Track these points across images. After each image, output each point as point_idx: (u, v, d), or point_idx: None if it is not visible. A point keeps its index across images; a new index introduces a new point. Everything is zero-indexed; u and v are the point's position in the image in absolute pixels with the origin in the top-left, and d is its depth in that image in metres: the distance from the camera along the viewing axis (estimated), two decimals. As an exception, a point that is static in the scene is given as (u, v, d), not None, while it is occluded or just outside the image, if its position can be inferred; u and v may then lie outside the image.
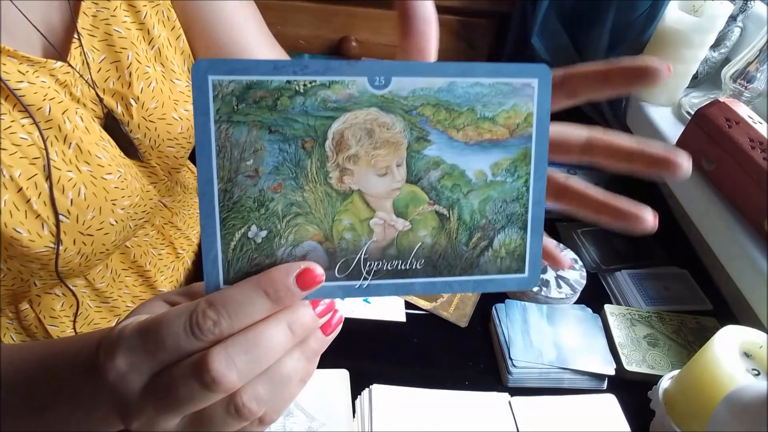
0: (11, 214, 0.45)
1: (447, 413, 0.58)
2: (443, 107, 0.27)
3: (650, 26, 0.85)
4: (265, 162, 0.27)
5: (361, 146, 0.27)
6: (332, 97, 0.26)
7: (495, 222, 0.29)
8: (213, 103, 0.26)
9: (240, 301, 0.26)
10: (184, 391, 0.26)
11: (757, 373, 0.53)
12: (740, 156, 0.67)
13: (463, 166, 0.28)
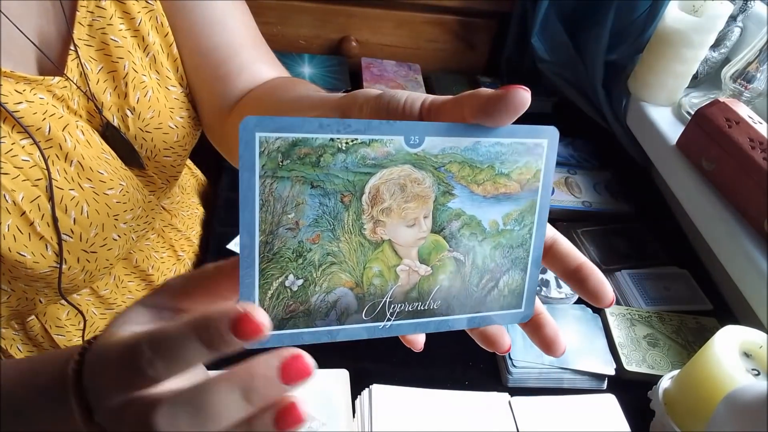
0: (15, 238, 0.45)
1: (447, 413, 0.58)
2: (468, 164, 0.30)
3: (650, 26, 0.85)
4: (305, 215, 0.28)
5: (394, 200, 0.29)
6: (371, 155, 0.28)
7: (502, 265, 0.32)
8: (259, 159, 0.26)
9: (174, 341, 0.25)
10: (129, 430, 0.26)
11: (757, 373, 0.53)
12: (740, 156, 0.67)
13: (480, 217, 0.31)
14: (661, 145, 0.82)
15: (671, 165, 0.79)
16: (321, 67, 1.09)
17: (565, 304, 0.70)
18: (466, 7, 1.11)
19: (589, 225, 0.85)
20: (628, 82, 0.90)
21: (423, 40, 1.14)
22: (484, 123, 0.29)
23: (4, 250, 0.44)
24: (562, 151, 1.00)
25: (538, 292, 0.69)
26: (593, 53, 0.91)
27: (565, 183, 0.91)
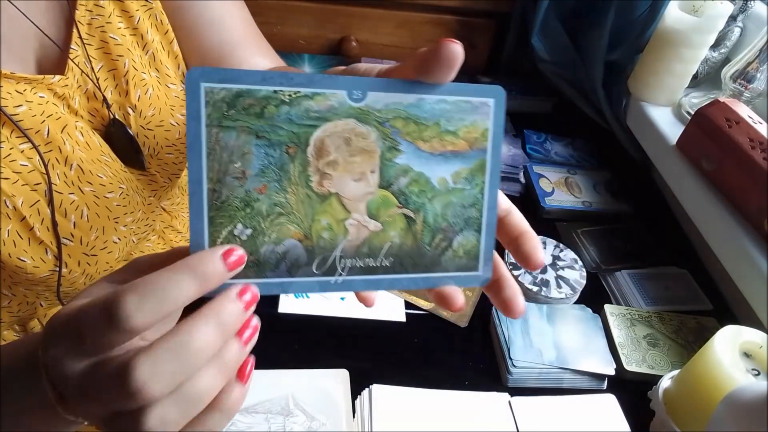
0: (15, 244, 0.45)
1: (447, 413, 0.58)
2: (413, 120, 0.30)
3: (650, 26, 0.85)
4: (251, 165, 0.29)
5: (340, 153, 0.30)
6: (314, 108, 0.29)
7: (455, 225, 0.32)
8: (204, 109, 0.28)
9: (168, 285, 0.26)
10: (107, 391, 0.26)
11: (757, 373, 0.53)
12: (740, 156, 0.67)
13: (428, 174, 0.31)
14: (661, 145, 0.82)
15: (671, 165, 0.79)
16: (321, 67, 1.09)
17: (565, 304, 0.70)
18: (466, 7, 1.11)
19: (589, 225, 0.85)
20: (628, 82, 0.90)
21: (423, 40, 1.14)
22: (424, 79, 0.30)
23: (4, 256, 0.44)
24: (561, 151, 1.00)
25: (538, 292, 0.69)
26: (593, 53, 0.91)
27: (565, 183, 0.91)
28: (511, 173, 0.91)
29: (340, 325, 0.66)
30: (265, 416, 0.54)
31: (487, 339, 0.68)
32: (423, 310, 0.69)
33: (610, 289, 0.77)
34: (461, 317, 0.69)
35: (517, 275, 0.71)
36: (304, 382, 0.58)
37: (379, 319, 0.67)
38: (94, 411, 0.28)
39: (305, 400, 0.56)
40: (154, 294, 0.26)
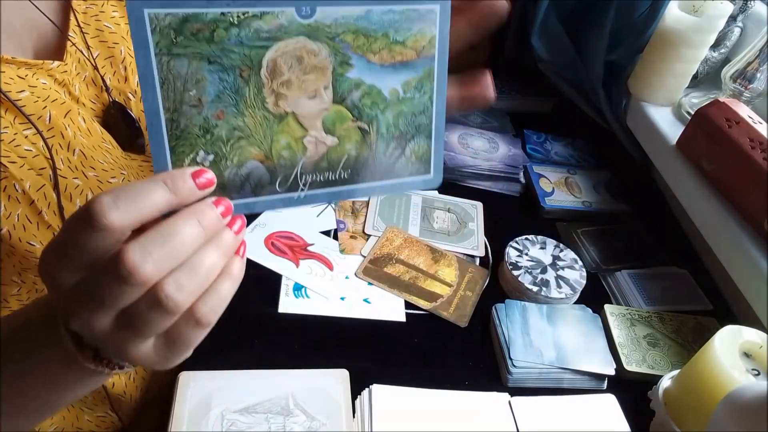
0: (24, 228, 0.45)
1: (447, 413, 0.58)
2: (362, 33, 0.31)
3: (650, 26, 0.85)
4: (207, 91, 0.29)
5: (293, 72, 0.30)
6: (264, 28, 0.29)
7: (407, 133, 0.34)
8: (152, 37, 0.27)
9: (140, 190, 0.28)
10: (105, 286, 0.27)
11: (757, 373, 0.53)
12: (740, 156, 0.67)
13: (379, 86, 0.32)
14: (661, 145, 0.82)
15: (671, 165, 0.79)
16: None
17: (565, 304, 0.70)
18: (466, 7, 1.11)
19: (589, 225, 0.85)
20: (628, 82, 0.90)
21: (423, 40, 1.14)
22: None
23: (15, 240, 0.44)
24: (561, 151, 1.00)
25: (538, 292, 0.69)
26: (593, 53, 0.91)
27: (565, 183, 0.91)
28: (511, 173, 0.91)
29: (340, 325, 0.66)
30: (265, 416, 0.54)
31: (487, 339, 0.68)
32: (423, 310, 0.69)
33: (610, 289, 0.77)
34: (461, 317, 0.69)
35: (517, 275, 0.71)
36: (304, 382, 0.58)
37: (379, 319, 0.67)
38: (97, 318, 0.29)
39: (305, 400, 0.56)
40: (126, 195, 0.27)
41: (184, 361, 0.59)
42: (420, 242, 0.78)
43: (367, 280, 0.71)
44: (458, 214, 0.84)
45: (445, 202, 0.85)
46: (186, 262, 0.29)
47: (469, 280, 0.74)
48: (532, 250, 0.75)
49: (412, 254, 0.76)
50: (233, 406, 0.55)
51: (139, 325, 0.29)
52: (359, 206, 0.82)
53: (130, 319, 0.29)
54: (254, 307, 0.66)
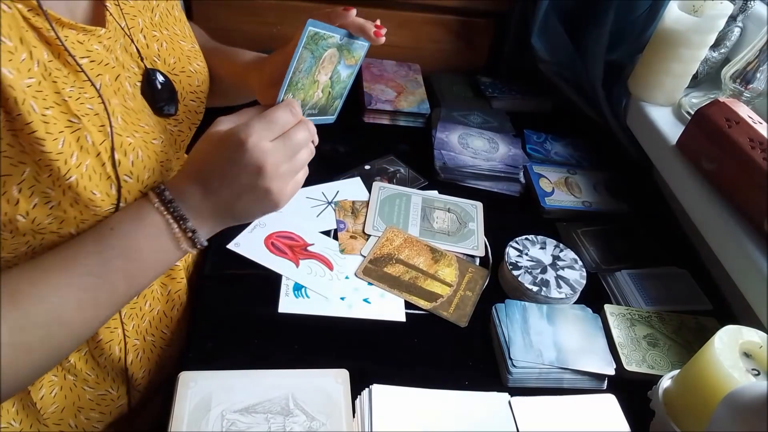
0: (90, 178, 0.49)
1: (447, 413, 0.58)
2: (347, 50, 0.62)
3: (650, 26, 0.85)
4: (305, 67, 0.57)
5: (326, 63, 0.60)
6: (329, 42, 0.59)
7: (338, 95, 0.66)
8: (304, 39, 0.54)
9: (281, 113, 0.54)
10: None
11: (757, 373, 0.53)
12: (740, 156, 0.67)
13: (341, 73, 0.64)
14: (661, 145, 0.82)
15: (671, 165, 0.79)
16: (321, 67, 1.09)
17: (565, 304, 0.70)
18: (466, 7, 1.11)
19: (589, 225, 0.85)
20: (628, 82, 0.90)
21: (423, 40, 1.14)
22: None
23: (81, 188, 0.48)
24: (561, 151, 1.00)
25: (538, 292, 0.69)
26: (593, 53, 0.91)
27: (565, 183, 0.91)
28: (511, 173, 0.91)
29: (340, 325, 0.66)
30: (265, 416, 0.54)
31: (487, 339, 0.68)
32: (423, 310, 0.69)
33: (610, 289, 0.77)
34: (461, 317, 0.69)
35: (517, 275, 0.71)
36: (304, 382, 0.58)
37: (379, 319, 0.67)
38: (225, 196, 0.54)
39: (305, 400, 0.56)
40: (268, 122, 0.54)
41: (184, 361, 0.59)
42: (420, 242, 0.78)
43: (367, 280, 0.72)
44: (458, 214, 0.84)
45: (445, 202, 0.85)
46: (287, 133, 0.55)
47: (469, 280, 0.74)
48: (532, 250, 0.75)
49: (412, 254, 0.76)
50: (233, 406, 0.55)
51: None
52: (359, 206, 0.82)
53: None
54: (254, 307, 0.66)
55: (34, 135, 0.44)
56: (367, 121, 1.01)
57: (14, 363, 0.46)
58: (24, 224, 0.48)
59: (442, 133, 0.95)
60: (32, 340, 0.47)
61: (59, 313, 0.48)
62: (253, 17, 1.09)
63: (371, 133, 0.98)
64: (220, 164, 0.53)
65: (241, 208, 0.55)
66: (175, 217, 0.53)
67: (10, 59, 0.42)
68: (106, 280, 0.50)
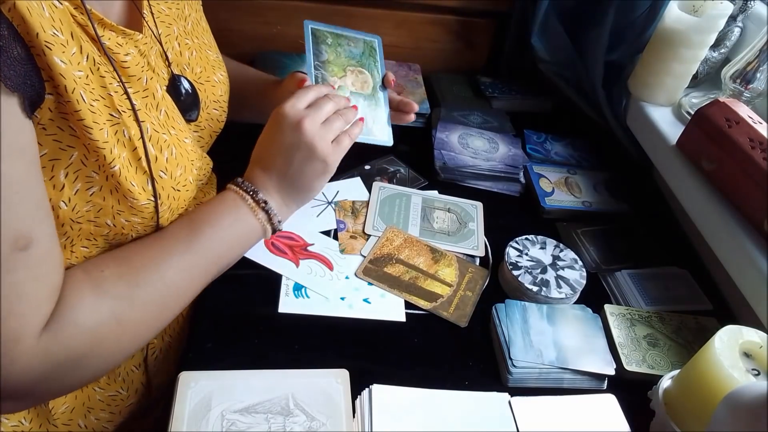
0: (128, 170, 0.51)
1: (447, 413, 0.58)
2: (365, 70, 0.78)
3: (650, 26, 0.85)
4: (320, 56, 0.74)
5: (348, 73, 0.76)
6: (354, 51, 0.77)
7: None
8: (312, 37, 0.72)
9: (308, 89, 0.67)
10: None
11: (757, 373, 0.53)
12: (740, 156, 0.67)
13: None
14: (661, 145, 0.82)
15: (671, 165, 0.79)
16: (321, 67, 1.09)
17: (565, 304, 0.70)
18: (466, 7, 1.11)
19: (589, 225, 0.85)
20: (628, 82, 0.90)
21: (423, 40, 1.14)
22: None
23: (122, 178, 0.51)
24: (561, 151, 1.00)
25: (538, 292, 0.69)
26: (593, 53, 0.91)
27: (565, 183, 0.91)
28: (511, 173, 0.91)
29: (340, 325, 0.66)
30: (265, 416, 0.54)
31: (487, 339, 0.68)
32: (423, 310, 0.69)
33: (610, 289, 0.77)
34: (461, 317, 0.69)
35: (517, 275, 0.71)
36: (304, 382, 0.58)
37: (379, 319, 0.67)
38: (279, 163, 0.64)
39: (305, 400, 0.56)
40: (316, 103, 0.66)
41: (185, 361, 0.59)
42: (420, 242, 0.78)
43: (367, 280, 0.72)
44: (458, 214, 0.84)
45: (445, 202, 0.85)
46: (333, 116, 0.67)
47: (469, 280, 0.74)
48: (532, 250, 0.75)
49: (412, 254, 0.76)
50: (233, 406, 0.55)
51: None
52: (359, 206, 0.82)
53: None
54: (254, 307, 0.66)
55: (83, 122, 0.47)
56: (367, 121, 1.01)
57: (132, 317, 0.53)
58: (65, 212, 0.50)
59: (442, 133, 0.95)
60: (146, 296, 0.54)
61: (166, 274, 0.55)
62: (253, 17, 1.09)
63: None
64: (268, 138, 0.65)
65: (295, 170, 0.64)
66: (248, 191, 0.63)
67: (63, 51, 0.45)
68: (198, 250, 0.58)
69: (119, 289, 0.52)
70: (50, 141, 0.47)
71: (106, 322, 0.51)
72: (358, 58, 0.76)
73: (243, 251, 0.65)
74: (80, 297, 0.50)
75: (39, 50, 0.43)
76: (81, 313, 0.49)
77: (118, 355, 0.54)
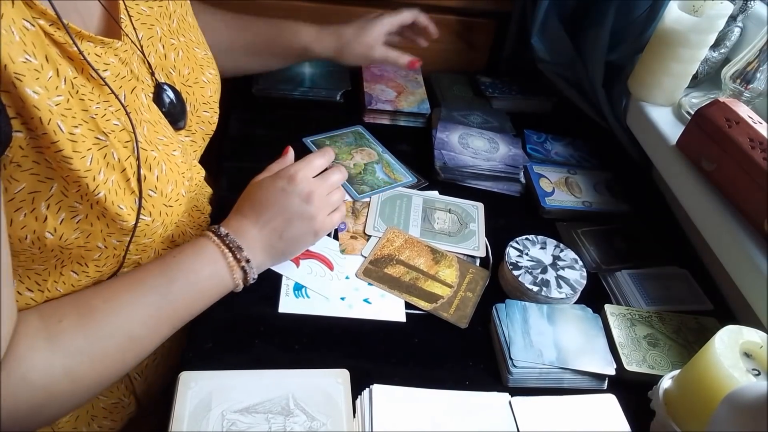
0: (116, 193, 0.49)
1: (447, 413, 0.58)
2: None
3: (650, 26, 0.85)
4: (343, 142, 0.93)
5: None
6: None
7: None
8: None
9: (315, 156, 0.66)
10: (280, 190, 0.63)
11: (757, 373, 0.53)
12: (740, 156, 0.67)
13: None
14: (661, 145, 0.82)
15: (671, 165, 0.79)
16: (321, 66, 1.08)
17: (566, 304, 0.70)
18: (466, 7, 1.11)
19: (589, 225, 0.86)
20: (628, 82, 0.90)
21: (423, 40, 1.14)
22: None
23: (108, 203, 0.48)
24: (562, 151, 1.00)
25: (538, 292, 0.69)
26: (593, 53, 0.91)
27: (565, 183, 0.91)
28: (511, 173, 0.91)
29: (340, 325, 0.66)
30: (266, 416, 0.54)
31: (487, 339, 0.68)
32: (423, 310, 0.69)
33: (611, 289, 0.77)
34: (461, 318, 0.69)
35: (517, 275, 0.71)
36: (304, 382, 0.58)
37: (379, 320, 0.67)
38: (277, 224, 0.63)
39: (306, 400, 0.56)
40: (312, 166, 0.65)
41: (185, 361, 0.59)
42: (421, 243, 0.78)
43: (368, 280, 0.72)
44: (459, 214, 0.84)
45: (446, 202, 0.85)
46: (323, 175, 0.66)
47: (470, 281, 0.74)
48: (533, 250, 0.75)
49: (412, 255, 0.76)
50: (234, 406, 0.55)
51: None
52: (360, 207, 0.82)
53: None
54: (254, 307, 0.66)
55: (61, 153, 0.44)
56: (368, 121, 1.01)
57: (88, 371, 0.49)
58: (52, 241, 0.48)
59: (443, 133, 0.95)
60: (106, 349, 0.50)
61: (128, 327, 0.52)
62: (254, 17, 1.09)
63: (371, 132, 0.98)
64: (273, 197, 0.63)
65: (290, 235, 0.63)
66: (230, 249, 0.60)
67: (37, 77, 0.41)
68: (168, 300, 0.55)
69: (77, 343, 0.48)
70: (27, 175, 0.44)
71: (59, 380, 0.47)
72: (355, 143, 0.92)
73: (209, 305, 0.61)
74: (32, 349, 0.46)
75: (7, 85, 0.40)
76: (32, 369, 0.45)
77: (72, 406, 0.51)
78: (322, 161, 0.67)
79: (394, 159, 0.91)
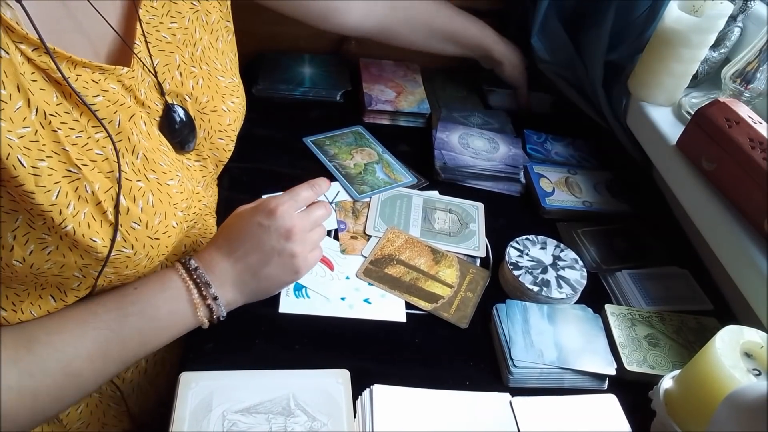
0: (89, 225, 0.47)
1: (448, 413, 0.58)
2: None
3: (650, 26, 0.85)
4: (344, 143, 0.95)
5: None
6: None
7: None
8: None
9: (304, 194, 0.64)
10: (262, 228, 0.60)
11: (758, 373, 0.53)
12: (740, 156, 0.67)
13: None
14: (661, 145, 0.82)
15: (671, 165, 0.79)
16: (321, 67, 1.08)
17: (566, 304, 0.70)
18: (466, 7, 1.11)
19: (589, 225, 0.86)
20: (628, 82, 0.90)
21: (423, 40, 1.14)
22: None
23: (78, 236, 0.46)
24: (562, 151, 1.00)
25: (538, 292, 0.69)
26: (593, 53, 0.91)
27: (565, 183, 0.91)
28: (512, 173, 0.91)
29: (340, 325, 0.66)
30: (266, 416, 0.54)
31: (487, 339, 0.68)
32: (423, 310, 0.69)
33: (611, 289, 0.77)
34: (462, 318, 0.69)
35: (518, 275, 0.71)
36: (305, 382, 0.58)
37: (379, 320, 0.67)
38: (252, 260, 0.59)
39: (306, 400, 0.56)
40: (296, 199, 0.63)
41: (185, 361, 0.59)
42: (421, 243, 0.78)
43: (368, 280, 0.72)
44: (459, 214, 0.84)
45: (446, 202, 0.85)
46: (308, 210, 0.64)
47: (470, 281, 0.74)
48: (533, 250, 0.75)
49: (413, 255, 0.76)
50: (234, 407, 0.55)
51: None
52: (360, 207, 0.82)
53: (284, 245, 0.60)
54: (254, 307, 0.66)
55: (22, 188, 0.42)
56: (368, 122, 1.01)
57: (18, 407, 0.46)
58: (22, 268, 0.47)
59: (443, 133, 0.95)
60: (40, 386, 0.48)
61: (69, 363, 0.49)
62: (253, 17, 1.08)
63: (371, 133, 0.98)
64: (251, 230, 0.59)
65: (266, 274, 0.60)
66: (197, 284, 0.56)
67: (2, 108, 0.40)
68: (119, 336, 0.52)
69: (8, 377, 0.46)
70: None
71: None
72: (355, 143, 0.93)
73: (170, 341, 0.57)
74: None
75: None
76: None
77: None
78: (309, 194, 0.63)
79: (394, 159, 0.91)
